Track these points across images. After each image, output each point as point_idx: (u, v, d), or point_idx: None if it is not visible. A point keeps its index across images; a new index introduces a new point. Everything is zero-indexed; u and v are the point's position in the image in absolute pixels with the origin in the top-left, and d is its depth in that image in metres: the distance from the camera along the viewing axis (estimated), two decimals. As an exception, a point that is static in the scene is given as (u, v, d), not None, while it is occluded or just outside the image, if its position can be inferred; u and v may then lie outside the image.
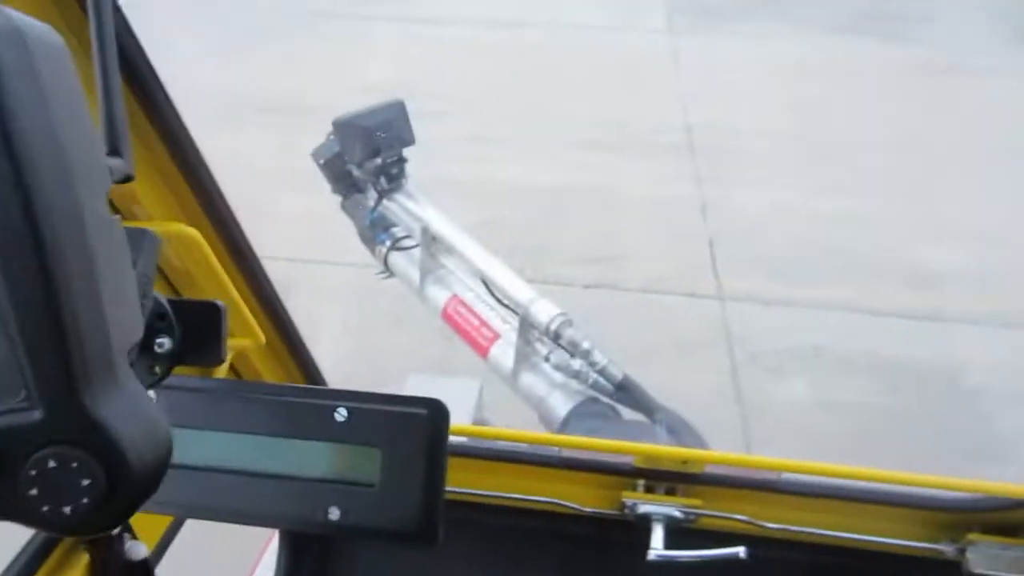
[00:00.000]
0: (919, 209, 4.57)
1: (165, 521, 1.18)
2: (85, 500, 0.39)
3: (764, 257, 4.18)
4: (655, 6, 8.59)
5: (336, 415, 0.76)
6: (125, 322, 0.43)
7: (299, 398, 0.78)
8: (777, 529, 1.32)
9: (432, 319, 2.25)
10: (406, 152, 2.16)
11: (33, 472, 0.38)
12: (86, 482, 0.39)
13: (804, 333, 3.69)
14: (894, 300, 3.85)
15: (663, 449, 1.33)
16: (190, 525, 1.18)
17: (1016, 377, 3.33)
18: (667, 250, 4.23)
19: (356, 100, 2.06)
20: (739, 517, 1.33)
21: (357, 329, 3.72)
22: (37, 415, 0.38)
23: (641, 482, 1.36)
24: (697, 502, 1.33)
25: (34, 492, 0.39)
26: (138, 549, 0.98)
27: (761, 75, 6.57)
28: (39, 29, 0.38)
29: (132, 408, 0.41)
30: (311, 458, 0.77)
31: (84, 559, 1.01)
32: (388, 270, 2.34)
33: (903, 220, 4.48)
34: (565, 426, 1.78)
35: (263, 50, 7.06)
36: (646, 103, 6.03)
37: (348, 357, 3.32)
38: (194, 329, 0.65)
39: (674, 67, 6.78)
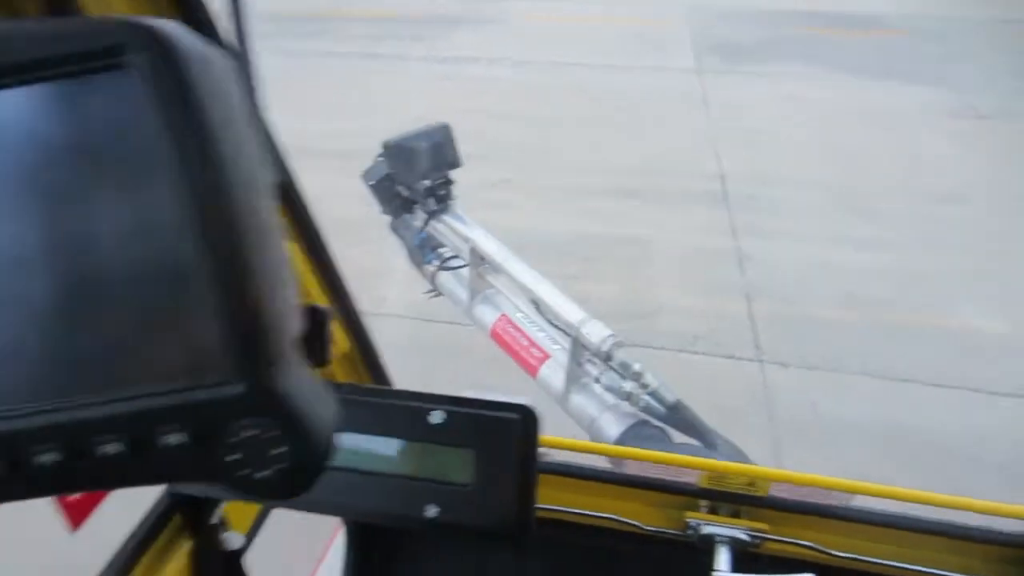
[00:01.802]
0: (963, 265, 4.47)
1: (253, 512, 1.25)
2: (277, 467, 0.44)
3: (804, 315, 4.05)
4: (683, 46, 8.54)
5: (431, 417, 0.81)
6: (294, 315, 0.47)
7: (398, 400, 0.83)
8: (845, 558, 1.29)
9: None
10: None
11: (234, 440, 0.43)
12: (279, 451, 0.44)
13: (850, 402, 3.53)
14: (943, 369, 3.66)
15: (730, 465, 1.30)
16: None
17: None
18: (703, 306, 4.11)
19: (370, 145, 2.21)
20: (806, 543, 1.30)
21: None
22: (236, 389, 0.43)
23: (705, 503, 1.35)
24: (763, 526, 1.31)
25: (234, 457, 0.44)
26: (233, 540, 1.16)
27: (792, 118, 6.53)
28: (217, 52, 0.43)
29: (310, 388, 0.46)
30: (409, 458, 0.81)
31: (187, 545, 1.10)
32: (436, 289, 2.40)
33: (947, 278, 4.38)
34: None
35: (281, 92, 7.08)
36: (677, 148, 5.96)
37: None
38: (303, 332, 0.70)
39: (704, 110, 6.69)
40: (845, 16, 9.65)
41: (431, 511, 0.80)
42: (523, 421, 0.81)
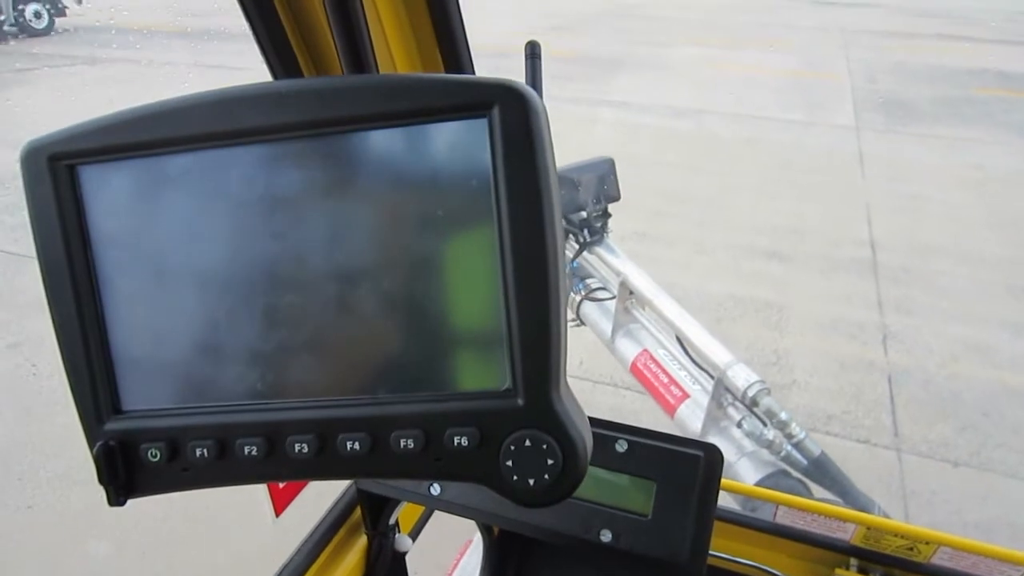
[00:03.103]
0: None
1: (416, 515, 1.32)
2: (546, 476, 0.49)
3: (953, 406, 3.75)
4: (843, 100, 8.19)
5: (616, 446, 0.83)
6: (566, 347, 0.51)
7: None
8: None
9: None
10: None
11: (512, 447, 0.49)
12: (550, 462, 0.48)
13: (999, 505, 3.21)
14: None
15: (889, 523, 1.23)
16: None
17: None
18: (840, 384, 3.89)
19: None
20: None
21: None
22: (519, 403, 0.48)
23: (856, 561, 1.28)
24: None
25: (509, 463, 0.49)
26: (404, 542, 1.22)
27: (960, 187, 6.06)
28: (536, 96, 0.47)
29: (576, 410, 0.50)
30: (590, 482, 0.83)
31: (361, 543, 1.17)
32: (579, 319, 2.43)
33: None
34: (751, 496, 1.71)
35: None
36: (827, 209, 5.72)
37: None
38: None
39: (860, 171, 6.37)
40: (1019, 75, 8.94)
41: (605, 536, 0.82)
42: (708, 460, 0.82)
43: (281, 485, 1.02)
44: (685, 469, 0.82)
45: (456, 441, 0.49)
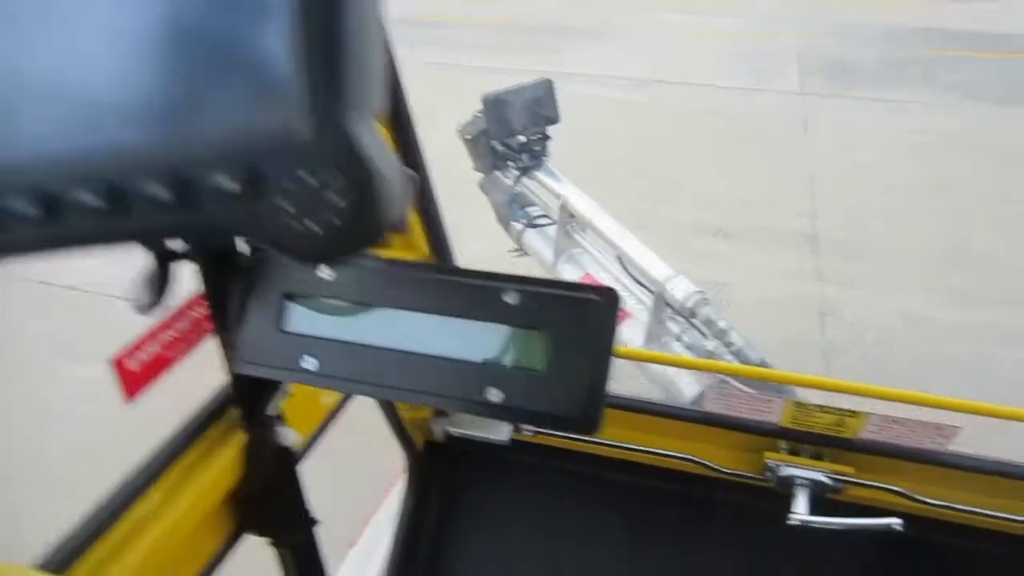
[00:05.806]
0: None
1: (316, 420, 1.21)
2: (336, 221, 0.40)
3: (887, 382, 3.74)
4: (788, 65, 8.14)
5: (505, 297, 0.76)
6: (379, 72, 0.41)
7: (467, 279, 0.76)
8: (935, 505, 1.20)
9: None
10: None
11: (292, 187, 0.39)
12: (340, 203, 0.39)
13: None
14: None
15: (814, 405, 1.20)
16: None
17: None
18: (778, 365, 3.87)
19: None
20: (893, 489, 1.21)
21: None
22: (306, 135, 0.38)
23: (785, 444, 1.26)
24: (848, 469, 1.22)
25: (288, 207, 0.39)
26: (288, 435, 1.09)
27: (903, 152, 6.09)
28: None
29: (383, 148, 0.40)
30: (477, 340, 0.76)
31: (239, 438, 1.03)
32: (521, 248, 2.37)
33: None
34: None
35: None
36: (772, 180, 5.71)
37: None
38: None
39: (804, 139, 6.37)
40: (970, 34, 8.98)
41: (494, 396, 0.74)
42: (603, 304, 0.73)
43: (133, 367, 0.84)
44: (579, 316, 0.73)
45: (219, 183, 0.39)
